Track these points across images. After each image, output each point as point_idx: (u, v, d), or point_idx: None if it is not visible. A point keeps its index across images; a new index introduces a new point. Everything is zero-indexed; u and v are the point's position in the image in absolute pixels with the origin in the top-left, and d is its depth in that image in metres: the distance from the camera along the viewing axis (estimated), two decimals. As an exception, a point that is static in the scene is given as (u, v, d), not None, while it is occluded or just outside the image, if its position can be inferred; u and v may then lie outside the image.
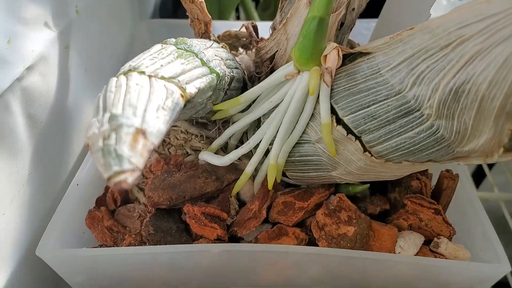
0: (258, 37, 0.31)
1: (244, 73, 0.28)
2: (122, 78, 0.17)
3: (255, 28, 0.31)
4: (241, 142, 0.27)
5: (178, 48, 0.20)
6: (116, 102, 0.15)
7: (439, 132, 0.19)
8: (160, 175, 0.25)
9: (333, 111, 0.21)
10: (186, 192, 0.25)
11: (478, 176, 0.50)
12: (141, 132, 0.14)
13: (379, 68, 0.20)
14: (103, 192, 0.27)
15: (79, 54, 0.26)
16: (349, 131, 0.20)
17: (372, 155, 0.20)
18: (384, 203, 0.25)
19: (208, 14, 0.30)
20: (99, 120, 0.15)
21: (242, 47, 0.35)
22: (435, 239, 0.23)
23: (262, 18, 0.55)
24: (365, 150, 0.20)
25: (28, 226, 0.23)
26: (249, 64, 0.31)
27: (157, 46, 0.20)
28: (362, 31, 0.37)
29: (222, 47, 0.27)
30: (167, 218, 0.25)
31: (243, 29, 0.32)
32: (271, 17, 0.55)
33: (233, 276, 0.24)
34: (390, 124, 0.20)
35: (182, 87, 0.18)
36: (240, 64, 0.28)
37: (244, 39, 0.34)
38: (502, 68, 0.16)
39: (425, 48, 0.18)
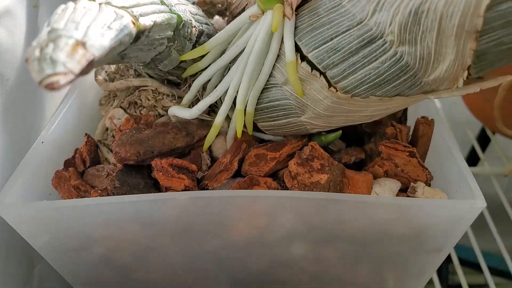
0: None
1: (217, 32, 0.28)
2: (70, 3, 0.16)
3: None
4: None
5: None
6: (59, 19, 0.15)
7: (403, 59, 0.18)
8: (129, 132, 0.25)
9: (297, 49, 0.20)
10: (154, 147, 0.24)
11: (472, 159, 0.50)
12: (81, 43, 0.14)
13: (340, 0, 0.19)
14: (73, 154, 0.27)
15: (48, 13, 0.26)
16: (313, 67, 0.20)
17: (337, 91, 0.20)
18: (359, 153, 0.25)
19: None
20: (39, 37, 0.14)
21: (218, 14, 0.34)
22: (412, 184, 0.23)
23: None
24: (330, 85, 0.20)
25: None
26: (223, 26, 0.30)
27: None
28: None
29: (196, 9, 0.27)
30: (135, 174, 0.24)
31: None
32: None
33: (203, 230, 0.23)
34: (354, 56, 0.19)
35: (135, 16, 0.17)
36: (210, 23, 0.28)
37: (220, 6, 0.34)
38: (459, -19, 0.16)
39: (385, -28, 0.18)
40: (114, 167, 0.26)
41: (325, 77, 0.20)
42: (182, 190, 0.22)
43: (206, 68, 0.25)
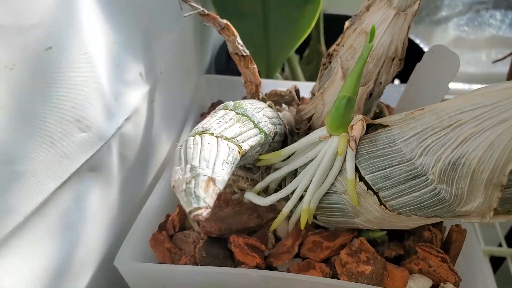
0: (299, 99, 0.37)
1: (285, 127, 0.34)
2: (198, 137, 0.23)
3: (297, 91, 0.37)
4: (279, 186, 0.33)
5: (236, 113, 0.26)
6: (194, 156, 0.21)
7: (440, 194, 0.23)
8: (213, 208, 0.31)
9: (356, 169, 0.26)
10: (232, 225, 0.30)
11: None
12: (211, 180, 0.20)
13: (395, 139, 0.25)
14: (165, 219, 0.33)
15: (160, 106, 0.33)
16: (368, 187, 0.25)
17: (386, 208, 0.25)
18: (399, 249, 0.29)
19: (259, 77, 0.36)
20: (181, 169, 0.21)
21: (285, 103, 0.40)
22: (442, 284, 0.27)
23: (305, 71, 0.61)
24: (381, 203, 0.25)
25: (108, 239, 0.29)
26: (290, 120, 0.36)
27: (221, 112, 0.26)
28: (393, 94, 0.42)
29: (269, 105, 0.33)
30: (216, 245, 0.30)
31: (288, 91, 0.38)
32: (313, 70, 0.61)
33: (266, 299, 0.28)
34: (402, 184, 0.24)
35: (239, 145, 0.24)
36: (282, 120, 0.34)
37: (287, 97, 0.40)
38: (489, 149, 0.21)
39: (431, 127, 0.23)
40: (198, 234, 0.32)
41: (377, 196, 0.25)
42: (254, 266, 0.28)
43: (277, 163, 0.31)
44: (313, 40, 0.59)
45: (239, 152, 0.23)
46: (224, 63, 0.54)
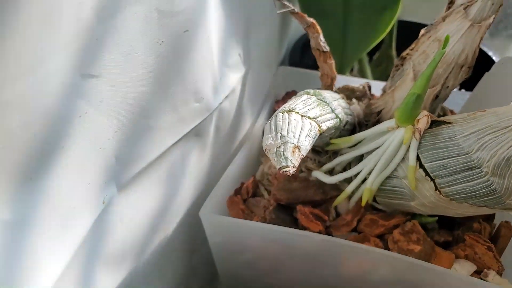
0: (370, 94, 0.41)
1: (355, 119, 0.38)
2: (286, 114, 0.28)
3: (369, 87, 0.41)
4: (344, 169, 0.37)
5: (317, 99, 0.31)
6: (283, 128, 0.26)
7: (492, 185, 0.27)
8: (283, 181, 0.36)
9: (417, 158, 0.30)
10: (299, 197, 0.35)
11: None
12: (297, 147, 0.25)
13: (455, 134, 0.28)
14: (240, 185, 0.39)
15: (247, 90, 0.38)
16: (427, 173, 0.29)
17: (441, 194, 0.29)
18: (448, 236, 0.33)
19: (335, 72, 0.40)
20: (272, 137, 0.26)
21: (355, 98, 0.44)
22: (485, 270, 0.30)
23: (374, 73, 0.64)
24: (436, 189, 0.29)
25: (196, 194, 0.35)
26: (359, 113, 0.40)
27: (305, 96, 0.31)
28: (458, 101, 0.44)
29: (341, 98, 0.38)
30: (283, 211, 0.35)
31: (360, 87, 0.42)
32: (382, 73, 0.64)
33: (323, 262, 0.33)
34: (457, 174, 0.28)
35: (319, 125, 0.28)
36: (352, 112, 0.38)
37: (358, 93, 0.44)
38: (541, 149, 0.24)
39: (491, 126, 0.27)
40: (268, 202, 0.37)
41: (434, 182, 0.29)
42: (317, 232, 0.33)
43: (344, 148, 0.35)
44: (385, 44, 0.62)
45: (318, 130, 0.28)
46: (298, 58, 0.59)
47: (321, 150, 0.38)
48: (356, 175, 0.33)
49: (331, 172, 0.37)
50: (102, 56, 0.20)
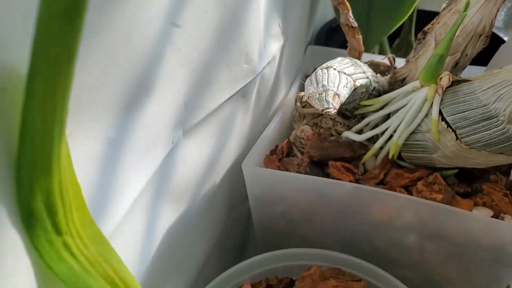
0: (394, 67, 0.45)
1: (381, 88, 0.42)
2: (325, 70, 0.32)
3: (394, 58, 0.45)
4: (371, 130, 0.41)
5: (350, 61, 0.35)
6: (324, 79, 0.30)
7: (508, 132, 0.30)
8: (316, 141, 0.40)
9: (440, 113, 0.33)
10: (331, 154, 0.39)
11: None
12: (336, 94, 0.29)
13: (474, 90, 0.32)
14: (275, 147, 0.43)
15: (283, 60, 0.43)
16: (448, 125, 0.33)
17: (461, 143, 0.32)
18: (467, 187, 0.36)
19: (362, 46, 0.44)
20: (314, 87, 0.30)
21: (380, 73, 0.48)
22: (502, 214, 0.34)
23: (393, 58, 0.68)
24: (457, 139, 0.32)
25: (240, 148, 0.39)
26: (384, 83, 0.44)
27: (339, 58, 0.35)
28: (472, 75, 0.47)
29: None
30: (316, 167, 0.39)
31: (385, 60, 0.45)
32: (402, 57, 0.68)
33: (353, 209, 0.36)
34: (476, 124, 0.31)
35: (354, 80, 0.32)
36: (378, 82, 0.42)
37: (382, 68, 0.48)
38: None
39: (507, 80, 0.30)
40: (301, 160, 0.41)
41: (455, 133, 0.32)
42: (348, 182, 0.36)
43: (373, 112, 0.39)
44: (405, 30, 0.66)
45: (353, 85, 0.32)
46: (322, 42, 0.63)
47: (351, 115, 0.42)
48: (383, 133, 0.37)
49: (359, 133, 0.41)
50: (184, 9, 0.24)
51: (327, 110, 0.27)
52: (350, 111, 0.41)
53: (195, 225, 0.36)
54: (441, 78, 0.33)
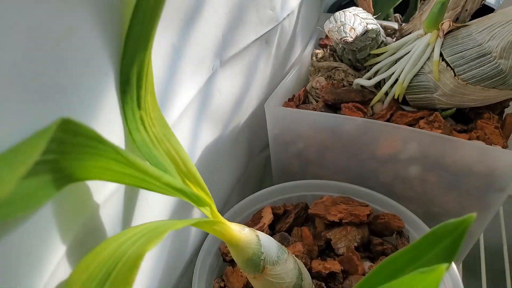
0: (400, 24, 0.50)
1: (388, 43, 0.47)
2: (342, 12, 0.36)
3: (400, 18, 0.50)
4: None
5: (363, 11, 0.40)
6: (342, 18, 0.35)
7: (499, 67, 0.35)
8: (330, 88, 0.45)
9: (440, 54, 0.38)
10: (343, 98, 0.43)
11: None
12: (353, 28, 0.34)
13: (471, 32, 0.37)
14: (292, 96, 0.47)
15: (300, 19, 0.47)
16: (448, 65, 0.37)
17: (459, 79, 0.37)
18: (464, 126, 0.41)
19: (372, 9, 0.49)
20: (333, 24, 0.35)
21: (387, 35, 0.53)
22: (492, 145, 0.38)
23: (398, 34, 0.72)
24: (455, 75, 0.37)
25: (263, 91, 0.44)
26: (391, 42, 0.49)
27: (353, 7, 0.40)
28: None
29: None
30: (330, 109, 0.44)
31: (392, 23, 0.50)
32: (405, 35, 0.73)
33: (362, 143, 0.41)
34: (472, 62, 0.36)
35: (366, 23, 0.37)
36: (386, 38, 0.47)
37: (389, 31, 0.53)
38: (536, 30, 0.32)
39: (499, 21, 0.35)
40: (316, 106, 0.46)
41: (453, 71, 0.37)
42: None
43: (379, 63, 0.44)
44: (410, 7, 0.70)
45: (365, 26, 0.37)
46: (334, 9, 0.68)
47: (361, 67, 0.47)
48: (389, 77, 0.42)
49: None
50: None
51: (345, 38, 0.32)
52: (361, 63, 0.46)
53: (223, 156, 0.41)
54: (442, 23, 0.38)
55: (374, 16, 0.53)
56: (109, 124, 0.21)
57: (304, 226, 0.40)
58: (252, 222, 0.40)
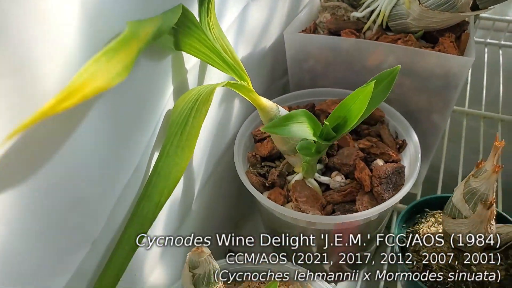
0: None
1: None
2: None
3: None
4: (370, 14, 0.60)
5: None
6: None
7: (450, -5, 0.49)
8: (334, 20, 0.60)
9: (411, -11, 0.52)
10: (343, 27, 0.58)
11: None
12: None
13: (432, -29, 0.51)
14: (305, 28, 0.62)
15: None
16: (416, -4, 0.52)
17: (422, 6, 0.51)
18: (431, 45, 0.55)
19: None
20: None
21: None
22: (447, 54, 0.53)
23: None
24: (420, 3, 0.51)
25: (277, 32, 0.59)
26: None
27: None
28: None
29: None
30: (332, 35, 0.59)
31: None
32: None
33: (356, 58, 0.56)
34: (432, -8, 0.50)
35: (355, -33, 0.52)
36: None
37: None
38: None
39: (450, -38, 0.49)
40: (323, 33, 0.61)
41: (419, 0, 0.51)
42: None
43: None
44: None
45: (355, -31, 0.51)
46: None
47: (357, 5, 0.62)
48: (375, 9, 0.56)
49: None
50: None
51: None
52: (357, 1, 0.60)
53: (251, 72, 0.57)
54: (412, -35, 0.52)
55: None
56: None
57: (312, 117, 0.56)
58: (275, 114, 0.56)
